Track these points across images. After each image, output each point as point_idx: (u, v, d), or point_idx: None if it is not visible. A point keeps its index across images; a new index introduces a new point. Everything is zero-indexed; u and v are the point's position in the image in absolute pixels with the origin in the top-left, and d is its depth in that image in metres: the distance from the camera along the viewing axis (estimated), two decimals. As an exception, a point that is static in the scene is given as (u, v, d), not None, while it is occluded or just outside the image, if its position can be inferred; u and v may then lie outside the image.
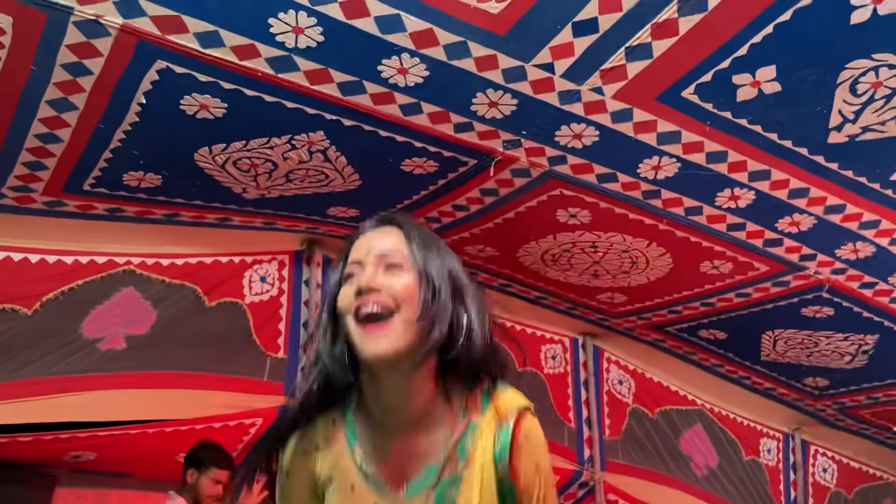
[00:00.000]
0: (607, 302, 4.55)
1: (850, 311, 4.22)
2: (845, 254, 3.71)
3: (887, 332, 4.36)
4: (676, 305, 4.46)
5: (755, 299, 4.24)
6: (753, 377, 5.21)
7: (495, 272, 4.33)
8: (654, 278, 4.15)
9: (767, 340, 4.69)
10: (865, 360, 4.75)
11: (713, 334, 4.72)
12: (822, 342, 4.59)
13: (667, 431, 5.24)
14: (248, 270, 4.10)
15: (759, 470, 5.69)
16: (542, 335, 5.00)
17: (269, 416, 3.93)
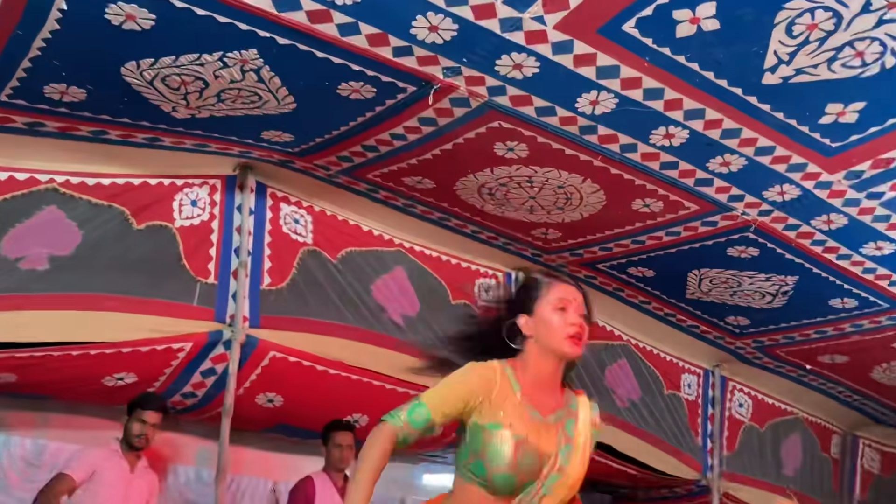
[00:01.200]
0: (542, 238, 4.60)
1: (774, 253, 4.36)
2: (772, 196, 3.82)
3: (807, 273, 4.53)
4: (608, 243, 4.54)
5: (684, 238, 4.34)
6: (678, 315, 5.38)
7: (433, 205, 4.32)
8: (587, 215, 4.21)
9: (693, 279, 4.83)
10: (785, 301, 4.94)
11: (642, 272, 4.83)
12: (746, 282, 4.75)
13: (593, 365, 5.38)
14: (178, 193, 4.00)
15: (679, 404, 5.92)
16: (477, 269, 5.03)
17: (198, 341, 3.90)
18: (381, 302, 4.47)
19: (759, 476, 6.23)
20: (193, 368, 4.06)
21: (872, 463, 7.24)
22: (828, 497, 6.79)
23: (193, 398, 4.27)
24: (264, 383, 4.22)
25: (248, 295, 4.04)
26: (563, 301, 1.99)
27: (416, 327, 4.59)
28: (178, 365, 3.99)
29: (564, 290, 2.02)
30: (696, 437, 5.94)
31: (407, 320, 4.57)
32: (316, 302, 4.24)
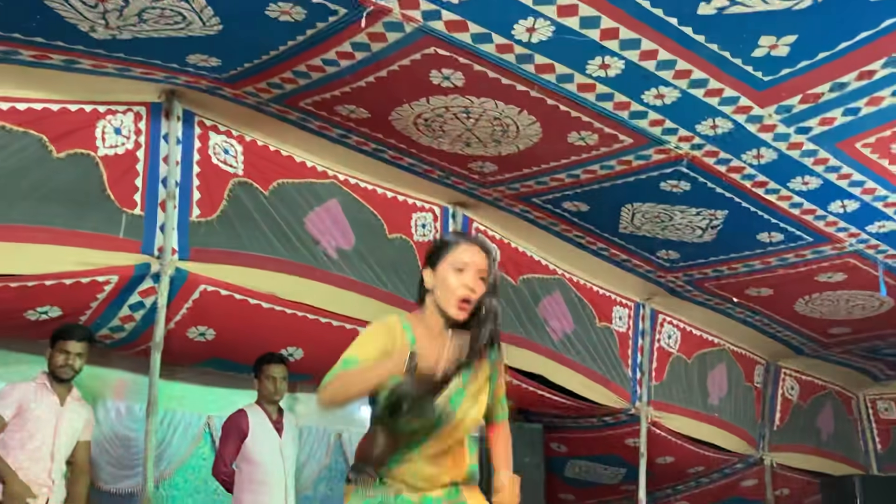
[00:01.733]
0: (478, 171, 4.57)
1: (705, 187, 4.43)
2: (705, 129, 3.85)
3: (736, 207, 4.63)
4: (543, 176, 4.54)
5: (618, 172, 4.37)
6: (611, 249, 5.45)
7: (367, 136, 4.23)
8: (523, 148, 4.19)
9: (626, 213, 4.88)
10: (714, 235, 5.05)
11: (576, 206, 4.86)
12: (677, 216, 4.83)
13: (527, 298, 5.45)
14: (100, 121, 3.83)
15: (610, 336, 6.06)
16: (414, 203, 4.99)
17: (125, 274, 3.80)
18: (314, 235, 4.40)
19: (685, 405, 6.46)
20: (121, 302, 3.95)
21: (792, 391, 7.59)
22: (750, 423, 7.11)
23: (122, 332, 4.17)
24: (195, 317, 4.15)
25: (177, 227, 3.93)
26: (463, 263, 2.09)
27: (351, 261, 4.55)
28: (105, 298, 3.89)
29: (467, 252, 2.12)
30: (626, 368, 6.11)
31: (342, 254, 4.52)
32: (247, 234, 4.15)
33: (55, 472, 3.76)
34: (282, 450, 4.31)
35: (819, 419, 7.78)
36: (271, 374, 4.34)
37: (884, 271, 5.26)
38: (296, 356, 4.65)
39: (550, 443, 6.58)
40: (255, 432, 4.27)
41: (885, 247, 5.03)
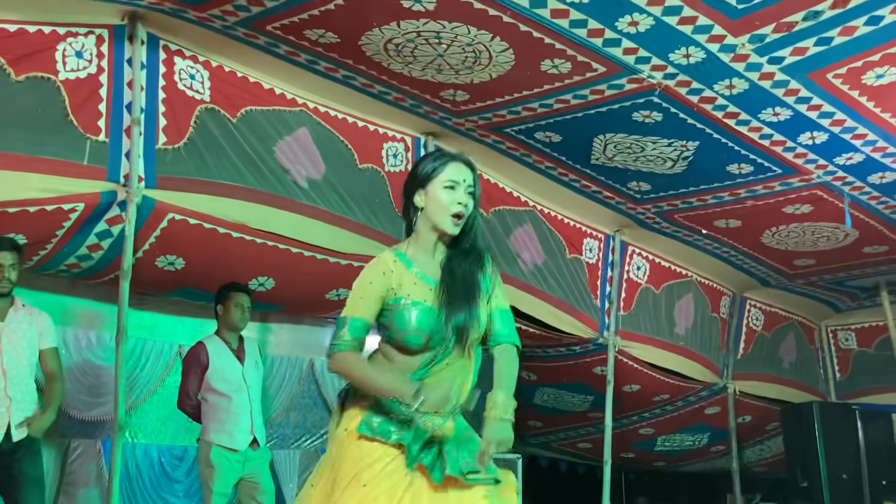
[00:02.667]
0: (450, 100, 4.52)
1: (676, 118, 4.43)
2: (677, 58, 3.83)
3: (707, 138, 4.64)
4: (516, 106, 4.50)
5: (591, 102, 4.34)
6: (583, 180, 5.46)
7: (337, 62, 4.15)
8: (496, 76, 4.14)
9: (598, 144, 4.88)
10: (685, 166, 5.07)
11: (549, 136, 4.84)
12: (648, 147, 4.84)
13: (499, 230, 5.47)
14: (61, 43, 3.70)
15: (581, 267, 6.13)
16: (385, 133, 4.94)
17: (91, 201, 3.74)
18: (284, 164, 4.35)
19: (652, 334, 6.59)
20: (88, 230, 3.90)
21: (756, 322, 7.77)
22: (714, 352, 7.29)
23: (90, 261, 4.13)
24: (164, 246, 4.11)
25: (143, 154, 3.85)
26: (453, 180, 2.20)
27: (321, 191, 4.51)
28: (71, 226, 3.83)
29: (456, 170, 2.22)
30: (594, 299, 6.19)
31: (312, 183, 4.48)
32: (215, 163, 4.09)
33: (10, 387, 3.61)
34: (244, 377, 4.34)
35: (782, 349, 8.00)
36: (239, 301, 4.33)
37: (849, 203, 5.34)
38: (266, 286, 4.65)
39: (520, 371, 6.67)
40: (216, 362, 4.29)
41: (852, 179, 5.09)
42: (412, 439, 2.13)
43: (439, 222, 2.19)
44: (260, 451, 4.33)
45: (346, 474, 2.11)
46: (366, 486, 2.08)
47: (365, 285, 2.18)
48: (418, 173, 2.25)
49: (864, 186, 5.21)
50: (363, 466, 2.10)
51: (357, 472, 2.10)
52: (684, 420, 7.60)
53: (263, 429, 4.43)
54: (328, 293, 4.94)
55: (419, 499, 2.09)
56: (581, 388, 6.89)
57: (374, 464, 2.11)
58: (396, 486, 2.09)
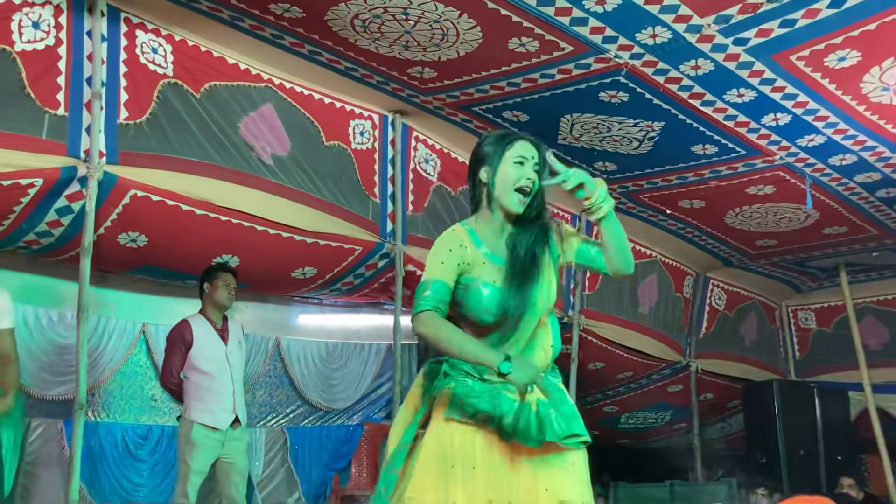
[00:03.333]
0: (418, 77, 4.49)
1: (643, 98, 4.46)
2: (644, 38, 3.84)
3: (673, 119, 4.68)
4: (483, 84, 4.49)
5: (558, 81, 4.35)
6: (550, 160, 5.47)
7: (303, 37, 4.10)
8: (463, 53, 4.12)
9: (566, 124, 4.89)
10: (650, 147, 5.11)
11: (516, 115, 4.84)
12: (615, 127, 4.86)
13: (467, 210, 5.45)
14: (16, 13, 3.59)
15: (548, 246, 6.14)
16: (352, 110, 4.90)
17: (50, 176, 3.65)
18: (248, 140, 4.30)
19: (616, 313, 6.66)
20: (47, 206, 3.82)
21: (719, 301, 7.89)
22: (677, 331, 7.39)
23: (50, 237, 4.05)
24: (126, 222, 4.04)
25: (104, 129, 3.77)
26: (521, 157, 2.20)
27: (286, 168, 4.47)
28: (30, 202, 3.74)
29: (524, 147, 2.23)
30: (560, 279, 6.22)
31: (277, 160, 4.44)
32: (179, 138, 4.03)
33: None
34: (228, 357, 4.34)
35: (743, 328, 8.14)
36: (226, 281, 4.33)
37: (811, 184, 5.42)
38: (232, 263, 4.60)
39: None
40: (199, 341, 4.28)
41: (813, 160, 5.17)
42: (502, 414, 2.10)
43: (506, 200, 2.18)
44: (240, 431, 4.34)
45: (450, 463, 2.09)
46: (475, 468, 2.08)
47: (444, 252, 2.16)
48: (484, 149, 2.24)
49: (825, 168, 5.30)
50: (464, 451, 2.09)
51: (463, 458, 2.09)
52: (647, 398, 7.71)
53: (245, 408, 4.44)
54: (294, 272, 4.91)
55: (522, 473, 2.09)
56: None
57: (473, 446, 2.10)
58: (499, 462, 2.09)
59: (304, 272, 4.93)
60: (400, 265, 4.97)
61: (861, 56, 3.95)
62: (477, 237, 2.20)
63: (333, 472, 5.91)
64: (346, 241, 4.74)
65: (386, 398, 6.09)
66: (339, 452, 5.94)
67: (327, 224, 4.57)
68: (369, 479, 5.83)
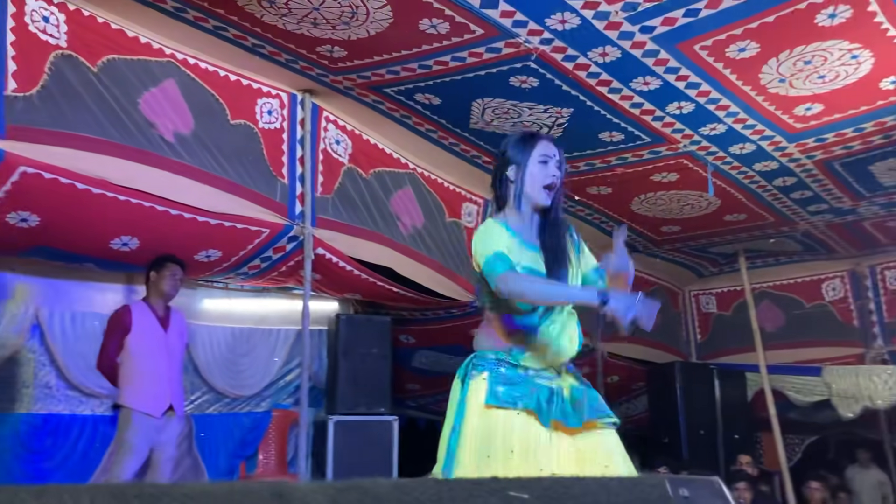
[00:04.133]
0: (327, 56, 4.41)
1: (552, 84, 4.49)
2: (553, 24, 3.87)
3: (581, 105, 4.74)
4: (395, 65, 4.44)
5: (469, 65, 4.34)
6: (462, 144, 5.48)
7: (207, 10, 3.96)
8: (374, 33, 4.06)
9: (477, 108, 4.89)
10: (560, 133, 5.16)
11: (428, 98, 4.81)
12: (525, 113, 4.89)
13: (378, 192, 5.42)
14: None
15: (459, 231, 6.17)
16: (260, 88, 4.78)
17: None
18: (149, 117, 4.13)
19: (527, 298, 6.73)
20: (-73, 182, 3.59)
21: (626, 287, 8.06)
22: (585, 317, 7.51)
23: (-71, 217, 3.81)
24: (15, 201, 3.82)
25: (-10, 101, 3.57)
26: (546, 155, 2.43)
27: (190, 146, 4.31)
28: None
29: (547, 146, 2.45)
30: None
31: (179, 139, 4.27)
32: (73, 114, 3.83)
33: None
34: (166, 344, 4.39)
35: (649, 312, 8.35)
36: (173, 272, 4.41)
37: (712, 172, 5.60)
38: (131, 246, 4.43)
39: (399, 335, 6.72)
40: (138, 328, 4.33)
41: (715, 148, 5.34)
42: (540, 398, 2.26)
43: (534, 195, 2.40)
44: (176, 420, 4.36)
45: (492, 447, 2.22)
46: (513, 451, 2.20)
47: (494, 233, 2.34)
48: (511, 150, 2.47)
49: (726, 157, 5.48)
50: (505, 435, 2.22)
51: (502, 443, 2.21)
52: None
53: (182, 397, 4.46)
54: (197, 254, 4.76)
55: (563, 449, 2.25)
56: (459, 350, 6.95)
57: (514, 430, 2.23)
58: (540, 445, 2.22)
59: (209, 255, 4.79)
60: (309, 248, 4.88)
61: (760, 47, 4.09)
62: (511, 229, 2.39)
63: (240, 460, 5.80)
64: (253, 223, 4.62)
65: (294, 384, 6.01)
66: (247, 440, 5.83)
67: (233, 205, 4.44)
68: (277, 465, 5.75)
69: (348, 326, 5.98)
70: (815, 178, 5.85)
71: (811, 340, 8.08)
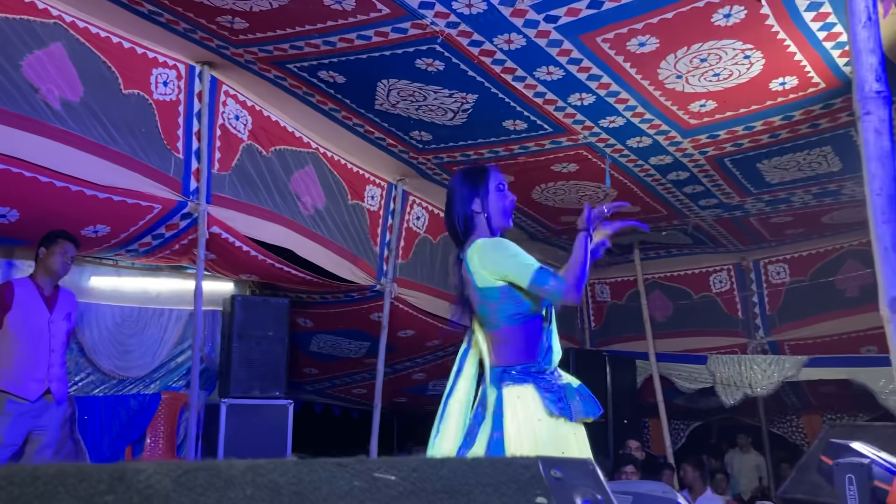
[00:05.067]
0: (227, 27, 4.26)
1: (458, 68, 4.49)
2: (460, 7, 3.86)
3: (486, 92, 4.76)
4: (298, 41, 4.34)
5: (374, 44, 4.28)
6: (367, 125, 5.42)
7: (99, -27, 3.76)
8: (276, 5, 3.95)
9: (382, 89, 4.84)
10: (465, 119, 5.18)
11: (332, 77, 4.73)
12: (431, 96, 4.88)
13: (279, 170, 5.30)
14: None
15: (362, 214, 6.12)
16: (155, 58, 4.57)
17: None
18: (33, 81, 3.88)
19: (428, 283, 6.76)
20: None
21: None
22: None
23: None
24: None
25: None
26: (501, 183, 2.65)
27: (78, 115, 4.09)
28: None
29: (497, 174, 2.68)
30: (374, 246, 6.22)
31: (67, 106, 4.05)
32: (-54, 72, 3.57)
33: None
34: (49, 326, 4.19)
35: (546, 300, 8.52)
36: (64, 249, 4.18)
37: (610, 164, 5.74)
38: (10, 218, 4.17)
39: (297, 318, 6.61)
40: (20, 305, 4.12)
41: (613, 141, 5.47)
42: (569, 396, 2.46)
43: (502, 220, 2.63)
44: (54, 405, 4.15)
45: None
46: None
47: (516, 248, 2.52)
48: (467, 185, 2.64)
49: (623, 149, 5.62)
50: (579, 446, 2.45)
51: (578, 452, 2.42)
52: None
53: (63, 382, 4.23)
54: (84, 229, 4.53)
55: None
56: (357, 334, 6.94)
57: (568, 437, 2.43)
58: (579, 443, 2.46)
59: (96, 230, 4.57)
60: (204, 226, 4.73)
61: (659, 43, 4.20)
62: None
63: (126, 443, 5.59)
64: (144, 199, 4.44)
65: (186, 367, 5.82)
66: (134, 423, 5.62)
67: (123, 178, 4.25)
68: (165, 449, 5.57)
69: (244, 308, 5.84)
70: (706, 173, 6.09)
71: (698, 330, 8.44)
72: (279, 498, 0.78)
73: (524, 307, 2.50)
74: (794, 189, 6.45)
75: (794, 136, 5.41)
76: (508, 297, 2.49)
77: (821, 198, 6.66)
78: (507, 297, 2.49)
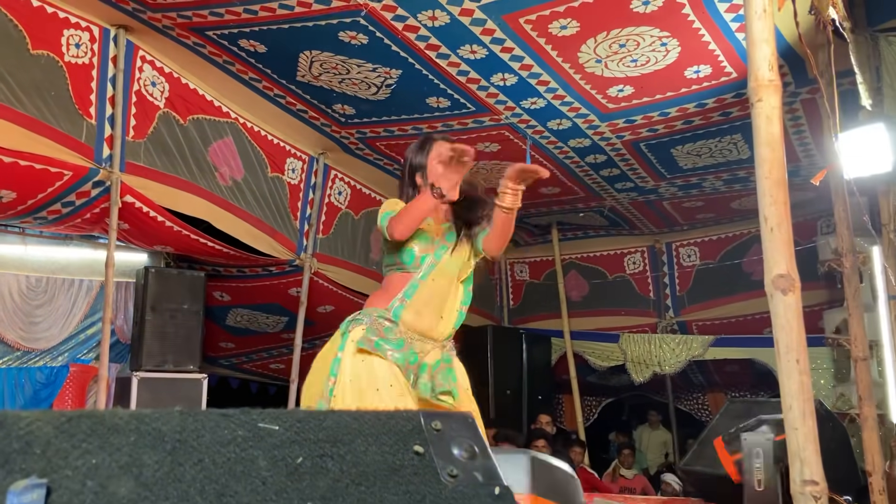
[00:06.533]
0: (145, -10, 4.14)
1: (381, 43, 4.47)
2: (384, -19, 3.85)
3: (409, 68, 4.76)
4: (219, 7, 4.25)
5: (297, 14, 4.23)
6: (288, 97, 5.35)
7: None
8: (197, -30, 3.86)
9: (304, 60, 4.79)
10: (388, 94, 5.17)
11: (253, 46, 4.65)
12: (354, 70, 4.85)
13: (196, 140, 5.18)
14: None
15: (282, 186, 6.04)
16: (67, 18, 4.40)
17: None
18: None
19: (348, 258, 6.74)
20: None
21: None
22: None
23: None
24: None
25: None
26: (442, 155, 2.61)
27: (-17, 74, 3.92)
28: None
29: (443, 146, 2.68)
30: (294, 220, 6.16)
31: (-30, 64, 3.87)
32: None
33: None
34: None
35: (467, 278, 8.61)
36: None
37: (530, 146, 5.83)
38: None
39: (213, 291, 6.50)
40: None
41: (534, 122, 5.55)
42: (407, 364, 2.54)
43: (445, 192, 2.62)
44: None
45: (362, 385, 2.48)
46: (378, 390, 2.46)
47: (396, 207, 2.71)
48: (414, 158, 2.78)
49: (544, 131, 5.72)
50: (373, 376, 2.49)
51: (370, 381, 2.48)
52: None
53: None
54: (-12, 194, 4.36)
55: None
56: (275, 308, 6.88)
57: (380, 372, 2.50)
58: (404, 389, 2.49)
59: (1, 196, 4.39)
60: (116, 195, 4.59)
61: (580, 27, 4.28)
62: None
63: (31, 418, 5.41)
64: (53, 164, 4.28)
65: (96, 339, 5.67)
66: (40, 395, 5.46)
67: (30, 143, 4.09)
68: (73, 423, 5.42)
69: (158, 280, 5.71)
70: (622, 157, 6.25)
71: (611, 309, 8.69)
72: (162, 444, 0.79)
73: (391, 259, 2.70)
74: (706, 175, 6.68)
75: (707, 124, 5.61)
76: (385, 248, 2.74)
77: (730, 184, 6.92)
78: (385, 248, 2.74)
